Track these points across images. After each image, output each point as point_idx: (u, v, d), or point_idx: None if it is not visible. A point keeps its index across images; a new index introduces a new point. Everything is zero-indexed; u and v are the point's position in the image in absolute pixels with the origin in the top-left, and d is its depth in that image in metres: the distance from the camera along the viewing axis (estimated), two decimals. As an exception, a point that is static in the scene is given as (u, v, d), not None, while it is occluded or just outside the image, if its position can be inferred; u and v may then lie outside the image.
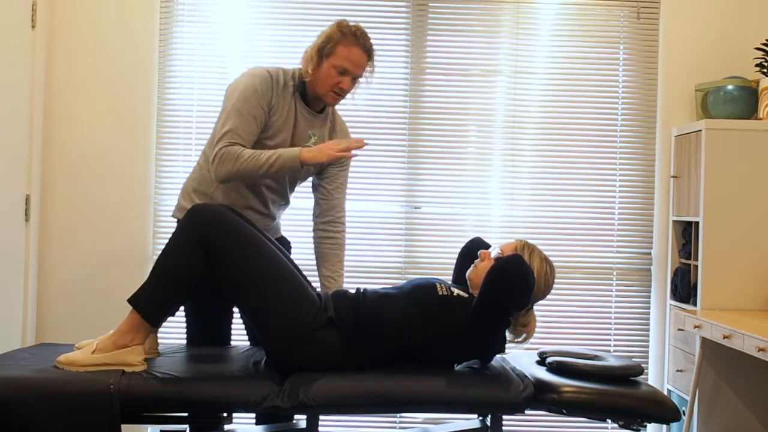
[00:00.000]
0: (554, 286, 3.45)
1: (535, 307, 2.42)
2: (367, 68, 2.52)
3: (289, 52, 3.46)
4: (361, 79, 2.54)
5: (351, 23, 2.50)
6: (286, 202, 2.70)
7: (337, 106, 2.70)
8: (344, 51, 2.44)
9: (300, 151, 2.32)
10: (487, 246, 2.60)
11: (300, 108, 2.52)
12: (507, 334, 2.34)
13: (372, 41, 2.52)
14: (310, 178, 2.71)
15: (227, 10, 3.46)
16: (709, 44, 3.48)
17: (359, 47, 2.46)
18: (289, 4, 3.46)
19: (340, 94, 2.49)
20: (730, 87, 3.26)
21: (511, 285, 2.12)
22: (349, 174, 3.43)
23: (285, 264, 2.28)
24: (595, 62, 3.51)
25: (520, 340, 2.36)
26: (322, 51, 2.45)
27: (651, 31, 3.51)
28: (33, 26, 3.22)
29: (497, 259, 2.18)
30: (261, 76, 2.43)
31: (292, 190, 2.67)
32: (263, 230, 2.38)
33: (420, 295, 2.28)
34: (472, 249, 2.60)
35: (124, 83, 3.40)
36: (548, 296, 3.43)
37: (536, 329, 3.41)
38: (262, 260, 2.22)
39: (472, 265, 2.43)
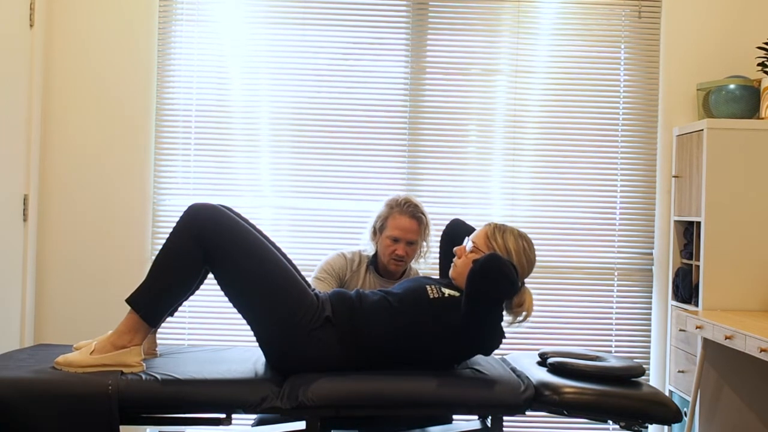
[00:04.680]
0: (555, 286, 3.48)
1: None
2: (422, 230, 2.84)
3: (289, 52, 3.45)
4: (421, 241, 2.85)
5: (399, 198, 2.86)
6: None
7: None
8: (393, 222, 2.81)
9: None
10: (466, 229, 2.56)
11: (373, 278, 2.89)
12: (505, 316, 2.29)
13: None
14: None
15: (226, 9, 3.45)
16: (711, 43, 3.46)
17: (407, 215, 2.81)
18: (288, 3, 3.45)
19: (400, 260, 2.81)
20: (731, 86, 3.24)
21: (493, 287, 2.08)
22: (350, 173, 3.45)
23: (282, 263, 2.27)
24: (597, 61, 3.50)
25: (521, 319, 2.32)
26: (377, 228, 2.86)
27: (652, 30, 3.50)
28: (31, 25, 3.21)
29: (474, 262, 2.13)
30: (338, 257, 2.90)
31: None
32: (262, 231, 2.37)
33: (411, 301, 2.27)
34: (452, 235, 2.57)
35: (122, 82, 3.39)
36: (549, 296, 3.46)
37: (536, 329, 3.44)
38: (259, 259, 2.21)
39: (452, 265, 2.41)
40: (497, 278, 2.08)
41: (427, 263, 2.96)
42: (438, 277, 2.64)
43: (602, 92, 3.49)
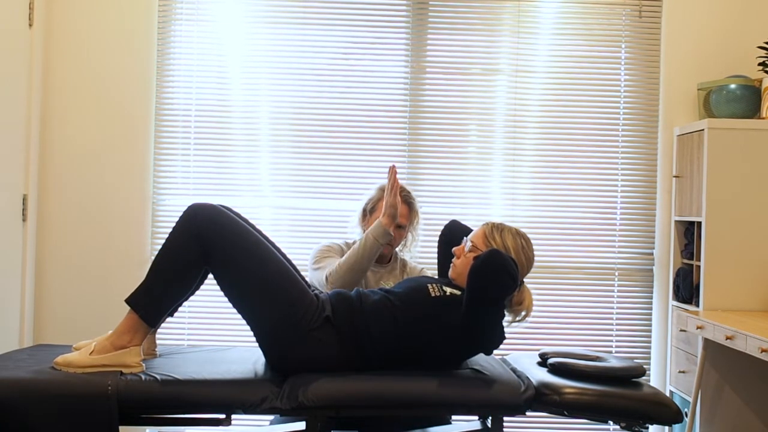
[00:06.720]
0: (555, 286, 3.47)
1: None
2: (413, 218, 2.82)
3: (289, 52, 3.45)
4: (410, 228, 2.82)
5: None
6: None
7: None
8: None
9: (380, 221, 2.61)
10: (463, 230, 2.56)
11: None
12: (506, 314, 2.29)
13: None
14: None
15: (226, 9, 3.44)
16: (712, 43, 3.46)
17: (400, 199, 2.70)
18: (288, 3, 3.44)
19: (389, 243, 2.70)
20: (732, 86, 3.24)
21: (494, 283, 2.09)
22: (350, 173, 3.45)
23: (282, 264, 2.27)
24: (597, 61, 3.49)
25: (519, 318, 2.33)
26: (367, 210, 2.84)
27: (653, 30, 3.49)
28: (30, 25, 3.20)
29: (475, 258, 2.14)
30: (327, 244, 2.83)
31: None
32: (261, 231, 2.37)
33: (413, 299, 2.26)
34: (450, 236, 2.57)
35: (122, 82, 3.38)
36: (549, 297, 3.46)
37: (537, 329, 3.44)
38: (259, 259, 2.21)
39: (451, 265, 2.41)
40: (499, 273, 2.08)
41: (411, 253, 2.92)
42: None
43: (603, 92, 3.49)
